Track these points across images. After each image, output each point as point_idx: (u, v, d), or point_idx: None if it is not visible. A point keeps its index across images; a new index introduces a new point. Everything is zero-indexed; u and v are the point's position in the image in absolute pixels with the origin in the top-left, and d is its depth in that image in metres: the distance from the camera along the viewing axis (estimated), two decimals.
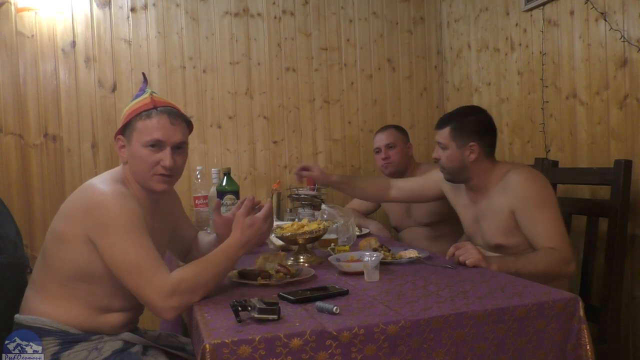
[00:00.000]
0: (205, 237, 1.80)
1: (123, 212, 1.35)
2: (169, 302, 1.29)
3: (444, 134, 1.92)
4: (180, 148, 1.49)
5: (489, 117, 1.98)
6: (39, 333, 1.41)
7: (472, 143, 1.88)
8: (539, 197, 1.79)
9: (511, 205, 1.81)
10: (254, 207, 1.49)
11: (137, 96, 1.53)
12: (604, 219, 2.01)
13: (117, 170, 1.54)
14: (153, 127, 1.44)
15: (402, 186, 2.32)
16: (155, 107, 1.46)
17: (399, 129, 2.76)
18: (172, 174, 1.49)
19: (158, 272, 1.31)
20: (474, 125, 1.91)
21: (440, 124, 1.96)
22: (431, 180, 2.22)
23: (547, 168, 2.37)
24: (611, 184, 1.95)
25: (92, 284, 1.43)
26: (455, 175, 1.95)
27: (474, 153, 1.88)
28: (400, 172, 2.65)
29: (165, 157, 1.44)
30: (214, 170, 2.55)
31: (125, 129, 1.49)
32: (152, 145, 1.44)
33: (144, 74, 1.66)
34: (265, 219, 1.46)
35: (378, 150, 2.71)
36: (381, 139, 2.70)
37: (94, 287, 1.44)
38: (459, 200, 2.06)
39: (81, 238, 1.38)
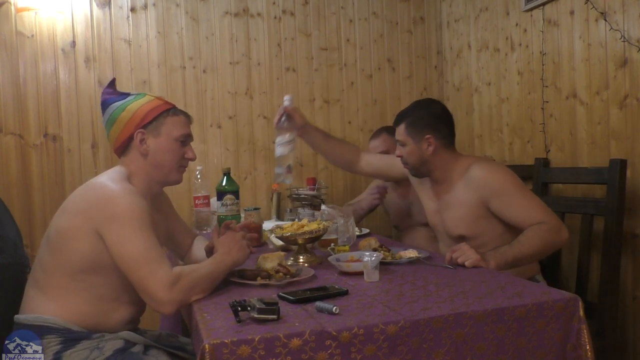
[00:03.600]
0: (202, 245, 1.82)
1: (133, 207, 1.41)
2: (171, 294, 1.33)
3: (401, 131, 1.97)
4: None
5: (443, 108, 2.02)
6: (40, 331, 1.41)
7: (427, 136, 1.92)
8: (509, 182, 1.84)
9: (482, 197, 1.85)
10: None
11: (121, 98, 1.59)
12: (599, 217, 2.05)
13: (119, 169, 1.57)
14: (182, 124, 1.60)
15: (371, 161, 2.34)
16: (175, 107, 1.62)
17: (390, 131, 2.73)
18: (187, 166, 1.65)
19: (161, 265, 1.36)
20: (427, 118, 1.94)
21: (396, 121, 2.00)
22: (398, 162, 2.17)
23: (539, 168, 2.39)
24: (607, 183, 1.98)
25: (102, 276, 1.46)
26: (418, 170, 2.00)
27: (431, 145, 1.92)
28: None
29: (190, 150, 1.63)
30: (288, 97, 2.44)
31: (149, 124, 1.56)
32: (182, 140, 1.59)
33: (114, 80, 1.69)
34: (242, 236, 1.57)
35: None
36: (375, 147, 2.69)
37: (104, 279, 1.46)
38: (424, 191, 2.10)
39: (89, 231, 1.41)
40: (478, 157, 2.10)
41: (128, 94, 1.61)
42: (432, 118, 1.95)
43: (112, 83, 1.65)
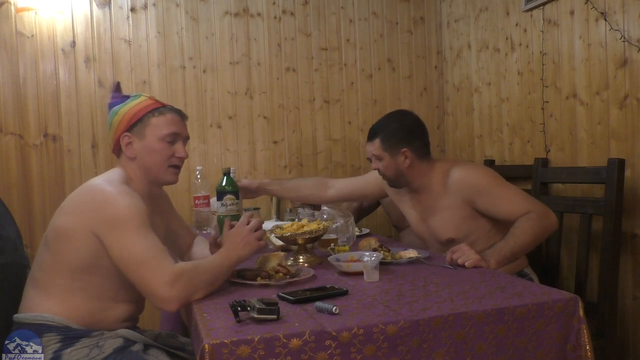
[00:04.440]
0: (202, 244, 1.83)
1: (131, 208, 1.40)
2: (172, 291, 1.32)
3: (375, 146, 1.97)
4: (185, 142, 1.62)
5: (415, 119, 2.02)
6: (40, 330, 1.41)
7: (403, 149, 1.93)
8: (490, 179, 1.88)
9: (465, 199, 1.87)
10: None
11: (122, 101, 1.59)
12: (598, 217, 2.04)
13: (117, 171, 1.57)
14: (169, 122, 1.56)
15: (341, 186, 2.30)
16: (164, 106, 1.59)
17: None
18: (181, 165, 1.61)
19: (161, 262, 1.36)
20: (400, 132, 1.95)
21: (370, 136, 2.00)
22: (371, 179, 2.22)
23: (538, 167, 2.39)
24: (605, 182, 1.98)
25: (99, 275, 1.46)
26: (396, 182, 2.01)
27: (407, 158, 1.93)
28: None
29: (181, 148, 1.58)
30: (232, 169, 2.53)
31: (134, 127, 1.55)
32: (169, 139, 1.56)
33: (118, 83, 1.69)
34: (251, 229, 1.53)
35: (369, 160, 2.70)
36: (370, 151, 2.68)
37: (102, 278, 1.46)
38: (404, 202, 2.12)
39: (87, 233, 1.41)
40: (454, 160, 2.10)
41: (128, 97, 1.61)
42: (405, 131, 1.95)
43: (118, 87, 1.65)
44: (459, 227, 1.90)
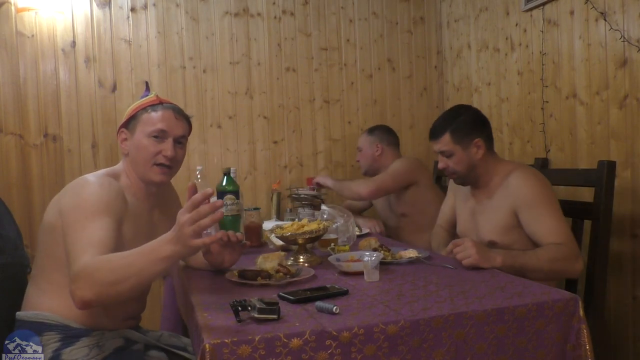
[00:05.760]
0: None
1: (91, 197, 1.36)
2: (76, 291, 1.20)
3: (446, 141, 1.89)
4: (180, 143, 1.57)
5: (477, 110, 1.98)
6: (40, 328, 1.41)
7: (475, 139, 1.86)
8: (542, 196, 1.76)
9: (513, 205, 1.79)
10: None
11: (141, 98, 1.61)
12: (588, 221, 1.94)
13: (115, 166, 1.59)
14: (158, 119, 1.52)
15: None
16: (160, 103, 1.57)
17: (371, 131, 2.79)
18: (172, 165, 1.55)
19: (76, 258, 1.23)
20: (471, 122, 1.89)
21: (437, 134, 1.92)
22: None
23: (537, 168, 2.36)
24: (595, 185, 1.91)
25: None
26: (466, 178, 1.92)
27: (480, 149, 1.87)
28: (375, 170, 2.72)
29: (168, 147, 1.51)
30: (232, 169, 2.52)
31: (129, 123, 1.56)
32: (156, 136, 1.51)
33: (147, 83, 1.72)
34: (190, 221, 1.12)
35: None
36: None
37: None
38: (460, 192, 2.05)
39: (61, 225, 1.38)
40: (520, 164, 1.99)
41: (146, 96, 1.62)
42: (475, 121, 1.90)
43: (147, 86, 1.66)
44: (504, 233, 1.80)
